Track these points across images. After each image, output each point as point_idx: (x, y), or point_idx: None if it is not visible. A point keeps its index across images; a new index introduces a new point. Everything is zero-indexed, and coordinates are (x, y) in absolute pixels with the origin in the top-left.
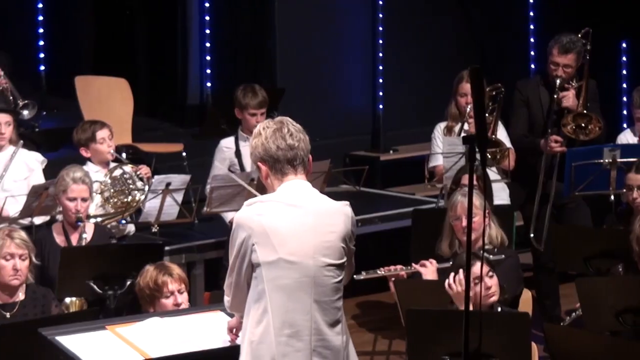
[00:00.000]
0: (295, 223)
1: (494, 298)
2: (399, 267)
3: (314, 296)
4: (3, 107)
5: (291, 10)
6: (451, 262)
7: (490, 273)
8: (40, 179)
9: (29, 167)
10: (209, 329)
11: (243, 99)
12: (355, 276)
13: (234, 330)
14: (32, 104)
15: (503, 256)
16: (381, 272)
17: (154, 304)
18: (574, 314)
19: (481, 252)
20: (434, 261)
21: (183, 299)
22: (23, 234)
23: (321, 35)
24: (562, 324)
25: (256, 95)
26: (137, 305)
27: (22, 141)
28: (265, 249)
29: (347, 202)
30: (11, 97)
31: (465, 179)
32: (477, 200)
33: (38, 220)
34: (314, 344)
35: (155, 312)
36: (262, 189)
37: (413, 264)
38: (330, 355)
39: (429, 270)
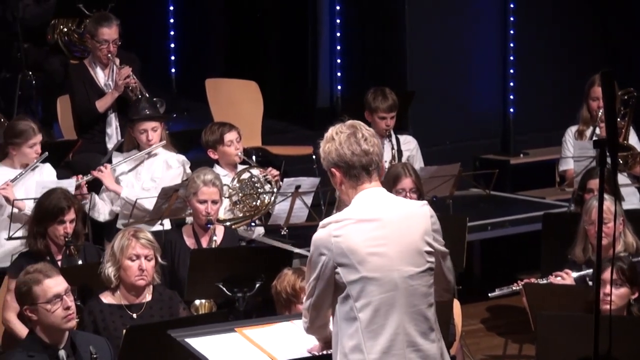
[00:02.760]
0: (372, 238)
1: (608, 307)
2: (533, 280)
3: (403, 308)
4: (150, 115)
5: (421, 13)
6: (588, 270)
7: (619, 282)
8: (175, 180)
9: (169, 166)
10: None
11: (373, 102)
12: (490, 294)
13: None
14: (160, 101)
15: None
16: (515, 287)
17: (289, 308)
18: None
19: (617, 258)
20: (569, 272)
21: None
22: (148, 234)
23: (452, 38)
24: None
25: (386, 99)
26: (266, 307)
27: (164, 141)
28: (348, 269)
29: (425, 202)
30: (140, 96)
31: (591, 184)
32: (612, 206)
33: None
34: (408, 357)
35: (286, 316)
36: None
37: (549, 277)
38: None
39: (566, 282)
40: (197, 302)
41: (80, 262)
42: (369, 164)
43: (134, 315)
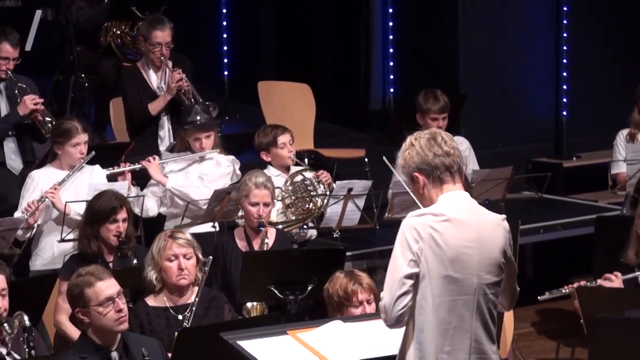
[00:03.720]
0: (464, 239)
1: None
2: (582, 282)
3: (476, 314)
4: (203, 124)
5: (474, 16)
6: (638, 272)
7: None
8: (223, 178)
9: (219, 164)
10: (391, 335)
11: (425, 104)
12: (539, 297)
13: None
14: (212, 105)
15: None
16: (565, 290)
17: (341, 311)
18: None
19: None
20: (619, 274)
21: (371, 310)
22: (186, 234)
23: (504, 41)
24: None
25: (438, 101)
26: (318, 310)
27: (217, 149)
28: (433, 264)
29: (504, 216)
30: (192, 99)
31: None
32: None
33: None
34: None
35: (338, 318)
36: None
37: (598, 280)
38: None
39: (614, 284)
40: (249, 304)
41: (134, 262)
42: (451, 165)
43: (179, 317)
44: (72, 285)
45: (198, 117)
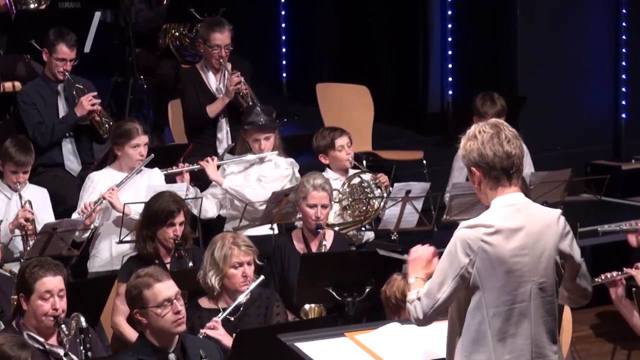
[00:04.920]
0: (517, 248)
1: None
2: (614, 273)
3: (533, 319)
4: (263, 125)
5: (533, 18)
6: None
7: None
8: (282, 180)
9: (278, 166)
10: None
11: (481, 107)
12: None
13: None
14: (271, 109)
15: None
16: (598, 280)
17: (399, 314)
18: None
19: None
20: None
21: None
22: (247, 239)
23: (563, 43)
24: None
25: (495, 104)
26: (375, 312)
27: (276, 152)
28: (486, 276)
29: (560, 211)
30: (251, 102)
31: None
32: None
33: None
34: None
35: (396, 320)
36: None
37: (624, 268)
38: None
39: None
40: (306, 306)
41: (190, 264)
42: (510, 166)
43: (232, 319)
44: (130, 287)
45: (259, 118)
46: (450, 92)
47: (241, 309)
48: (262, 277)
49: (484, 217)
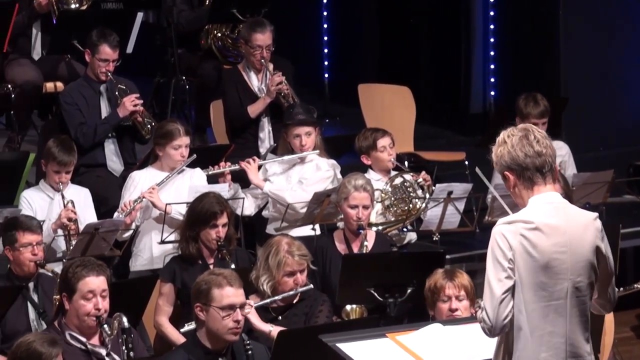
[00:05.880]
0: (553, 246)
1: None
2: None
3: (569, 317)
4: (304, 120)
5: (575, 19)
6: None
7: None
8: (323, 182)
9: (319, 169)
10: (490, 339)
11: (524, 108)
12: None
13: None
14: (312, 109)
15: None
16: (638, 286)
17: (433, 306)
18: None
19: None
20: None
21: (460, 306)
22: (301, 247)
23: (605, 44)
24: None
25: (538, 105)
26: (417, 312)
27: (317, 150)
28: (525, 272)
29: (596, 214)
30: (292, 102)
31: None
32: None
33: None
34: None
35: (438, 320)
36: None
37: None
38: None
39: None
40: (348, 307)
41: (232, 266)
42: (542, 165)
43: (279, 318)
44: (202, 280)
45: (300, 115)
46: (492, 93)
47: (289, 309)
48: (310, 285)
49: (523, 213)
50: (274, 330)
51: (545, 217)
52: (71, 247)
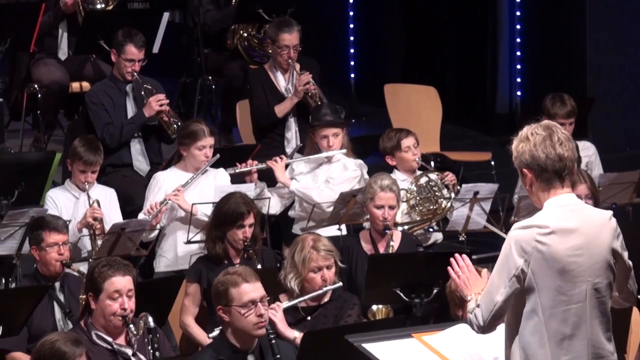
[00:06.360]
0: (572, 248)
1: None
2: None
3: (590, 319)
4: (331, 121)
5: (602, 19)
6: None
7: None
8: (350, 182)
9: (346, 168)
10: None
11: (551, 108)
12: None
13: None
14: (340, 109)
15: None
16: None
17: (463, 307)
18: None
19: None
20: None
21: None
22: (327, 243)
23: (632, 44)
24: None
25: (565, 105)
26: (443, 313)
27: (344, 150)
28: (543, 277)
29: (611, 213)
30: (320, 102)
31: None
32: None
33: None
34: None
35: (464, 320)
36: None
37: None
38: None
39: None
40: (374, 307)
41: (259, 266)
42: (562, 169)
43: (308, 318)
44: (218, 282)
45: (327, 116)
46: (518, 93)
47: (319, 309)
48: (340, 283)
49: (538, 217)
50: (298, 337)
51: (560, 221)
52: (96, 247)
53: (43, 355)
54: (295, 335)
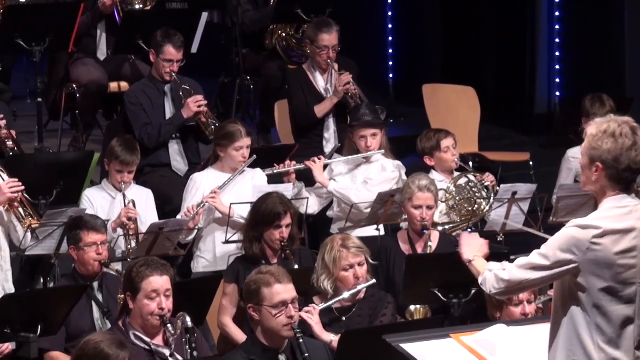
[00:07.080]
0: (627, 250)
1: None
2: None
3: (637, 321)
4: (370, 121)
5: None
6: None
7: None
8: (388, 183)
9: (384, 169)
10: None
11: (590, 108)
12: None
13: None
14: (381, 109)
15: None
16: None
17: (501, 310)
18: None
19: None
20: None
21: (531, 309)
22: (356, 240)
23: None
24: None
25: (604, 106)
26: (481, 313)
27: (382, 150)
28: (595, 278)
29: None
30: (360, 102)
31: None
32: None
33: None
34: None
35: (502, 320)
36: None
37: None
38: None
39: None
40: (412, 307)
41: (296, 266)
42: (634, 180)
43: (343, 318)
44: (250, 281)
45: (366, 117)
46: (557, 93)
47: (354, 309)
48: (373, 280)
49: (595, 218)
50: (335, 340)
51: (615, 223)
52: (130, 247)
53: (85, 355)
54: (332, 338)
